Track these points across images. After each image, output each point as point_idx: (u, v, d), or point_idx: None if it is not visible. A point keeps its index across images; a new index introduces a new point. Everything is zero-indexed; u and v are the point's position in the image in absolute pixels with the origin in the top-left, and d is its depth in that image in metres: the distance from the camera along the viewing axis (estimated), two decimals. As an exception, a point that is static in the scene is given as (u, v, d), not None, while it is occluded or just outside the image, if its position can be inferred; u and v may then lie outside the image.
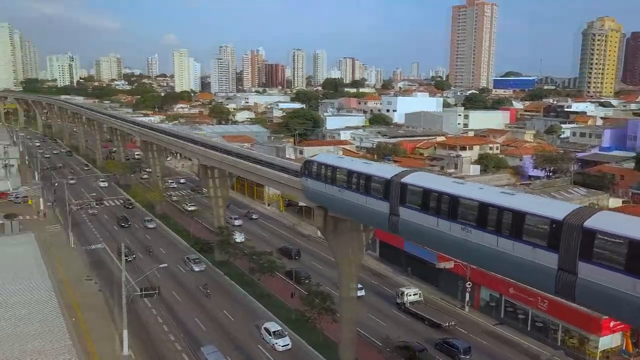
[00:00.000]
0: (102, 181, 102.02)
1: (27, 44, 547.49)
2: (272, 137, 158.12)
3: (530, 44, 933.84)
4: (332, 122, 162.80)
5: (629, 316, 20.28)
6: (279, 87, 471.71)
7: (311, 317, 42.18)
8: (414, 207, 28.94)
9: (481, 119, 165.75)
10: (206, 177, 59.11)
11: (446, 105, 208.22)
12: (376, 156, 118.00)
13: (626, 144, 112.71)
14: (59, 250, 65.50)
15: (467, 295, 49.90)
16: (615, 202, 72.40)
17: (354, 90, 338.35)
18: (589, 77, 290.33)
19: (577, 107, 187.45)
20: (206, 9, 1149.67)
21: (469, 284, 49.11)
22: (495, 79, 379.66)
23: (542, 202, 25.11)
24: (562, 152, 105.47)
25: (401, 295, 49.89)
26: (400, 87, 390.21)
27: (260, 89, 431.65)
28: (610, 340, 40.94)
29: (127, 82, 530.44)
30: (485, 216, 24.42)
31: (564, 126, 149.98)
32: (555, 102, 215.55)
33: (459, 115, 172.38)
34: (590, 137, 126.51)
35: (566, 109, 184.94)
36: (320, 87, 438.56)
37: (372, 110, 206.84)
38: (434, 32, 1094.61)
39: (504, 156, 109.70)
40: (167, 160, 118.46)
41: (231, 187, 67.72)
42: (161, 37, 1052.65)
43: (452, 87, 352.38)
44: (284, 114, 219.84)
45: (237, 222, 77.62)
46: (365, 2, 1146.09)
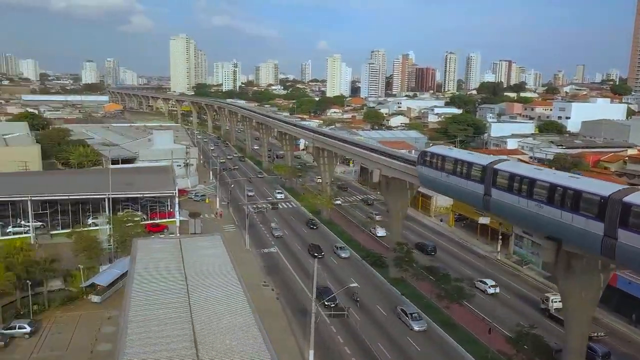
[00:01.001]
0: (278, 192, 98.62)
1: (199, 53, 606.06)
2: (431, 144, 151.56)
3: None
4: (497, 128, 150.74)
5: None
6: (430, 91, 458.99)
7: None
8: (509, 189, 36.54)
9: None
10: (387, 190, 55.54)
11: (629, 112, 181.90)
12: (554, 168, 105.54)
13: None
14: (235, 251, 67.19)
15: None
16: None
17: (513, 94, 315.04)
18: None
19: None
20: (356, 15, 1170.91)
21: None
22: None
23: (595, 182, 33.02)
24: None
25: (546, 301, 49.92)
26: (566, 92, 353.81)
27: (410, 93, 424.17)
28: None
29: (282, 87, 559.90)
30: (553, 194, 31.52)
31: None
32: None
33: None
34: None
35: None
36: (474, 92, 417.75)
37: (539, 116, 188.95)
38: (600, 32, 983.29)
39: None
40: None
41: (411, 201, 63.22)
42: (314, 44, 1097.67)
43: (633, 92, 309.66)
44: (440, 119, 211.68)
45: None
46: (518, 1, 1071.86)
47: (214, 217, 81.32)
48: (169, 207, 76.46)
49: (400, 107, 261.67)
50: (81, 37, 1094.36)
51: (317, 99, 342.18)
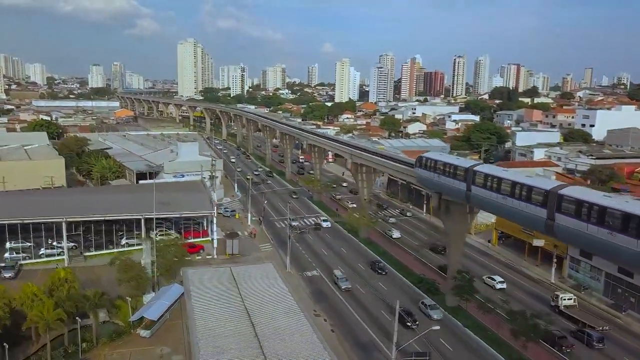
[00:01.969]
0: (324, 220, 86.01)
1: (206, 57, 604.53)
2: (456, 153, 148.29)
3: None
4: (522, 137, 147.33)
5: None
6: (441, 96, 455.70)
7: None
8: (481, 186, 46.66)
9: None
10: (446, 215, 52.58)
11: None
12: (589, 181, 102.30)
13: None
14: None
15: None
16: None
17: (527, 99, 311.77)
18: None
19: None
20: (362, 18, 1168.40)
21: None
22: None
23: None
24: None
25: (556, 298, 55.05)
26: (580, 97, 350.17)
27: (420, 98, 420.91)
28: None
29: (290, 91, 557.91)
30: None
31: None
32: None
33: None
34: None
35: None
36: (485, 96, 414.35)
37: (561, 124, 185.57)
38: (608, 34, 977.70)
39: None
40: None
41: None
42: (319, 47, 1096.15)
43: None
44: (458, 125, 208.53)
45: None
46: (526, 3, 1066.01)
47: (247, 235, 78.27)
48: (203, 226, 73.66)
49: (414, 113, 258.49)
50: (87, 41, 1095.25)
51: (328, 104, 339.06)
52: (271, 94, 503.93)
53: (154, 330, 46.76)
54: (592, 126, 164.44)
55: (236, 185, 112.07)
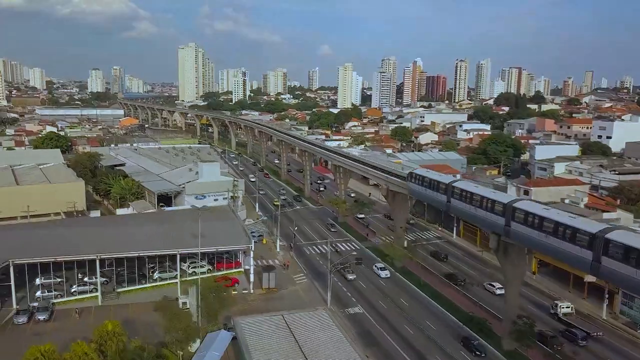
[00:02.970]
0: (381, 269, 74.00)
1: (207, 61, 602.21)
2: (474, 167, 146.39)
3: None
4: (541, 151, 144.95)
5: None
6: (446, 102, 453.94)
7: None
8: (459, 198, 58.72)
9: None
10: (505, 256, 50.31)
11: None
12: (619, 201, 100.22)
13: None
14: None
15: None
16: None
17: (534, 106, 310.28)
18: None
19: None
20: (361, 21, 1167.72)
21: None
22: None
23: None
24: None
25: (555, 307, 60.82)
26: (586, 103, 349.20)
27: (425, 104, 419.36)
28: None
29: (292, 96, 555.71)
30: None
31: None
32: None
33: None
34: None
35: None
36: (489, 101, 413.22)
37: (576, 134, 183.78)
38: (608, 36, 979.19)
39: None
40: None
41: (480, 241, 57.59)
42: (317, 49, 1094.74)
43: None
44: (470, 135, 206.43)
45: None
46: (522, 5, 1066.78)
47: (280, 266, 75.75)
48: (236, 256, 71.23)
49: (423, 121, 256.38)
50: (85, 44, 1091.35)
51: (333, 111, 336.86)
52: (273, 99, 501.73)
53: (208, 385, 44.22)
54: (609, 138, 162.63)
55: (257, 204, 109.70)
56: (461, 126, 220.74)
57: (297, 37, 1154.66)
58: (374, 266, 74.15)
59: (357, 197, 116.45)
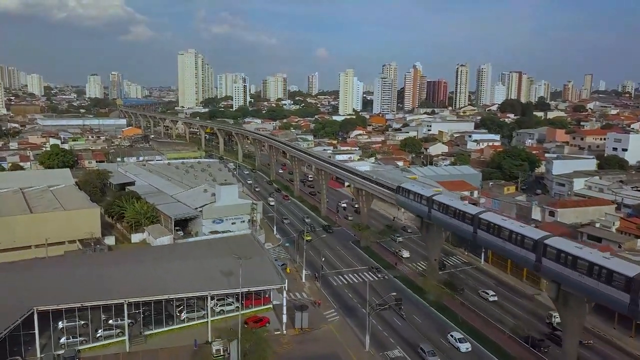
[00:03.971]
0: (460, 340, 60.76)
1: (206, 67, 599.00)
2: (490, 183, 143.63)
3: None
4: (559, 166, 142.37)
5: None
6: (449, 108, 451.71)
7: None
8: (438, 210, 69.23)
9: None
10: (564, 306, 47.38)
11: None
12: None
13: None
14: (353, 353, 59.03)
15: None
16: None
17: (540, 113, 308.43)
18: None
19: None
20: (359, 22, 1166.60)
21: None
22: None
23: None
24: None
25: (550, 317, 65.55)
26: (590, 109, 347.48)
27: (428, 110, 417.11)
28: None
29: (292, 101, 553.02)
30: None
31: None
32: None
33: None
34: None
35: None
36: (493, 108, 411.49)
37: (589, 146, 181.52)
38: (605, 39, 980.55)
39: None
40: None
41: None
42: (315, 51, 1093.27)
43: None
44: (480, 146, 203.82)
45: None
46: (518, 8, 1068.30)
47: (311, 302, 72.18)
48: (265, 292, 68.12)
49: (430, 130, 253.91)
50: (82, 48, 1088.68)
51: (337, 119, 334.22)
52: (274, 105, 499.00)
53: None
54: (625, 150, 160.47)
55: (275, 227, 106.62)
56: (470, 136, 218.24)
57: (293, 40, 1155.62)
58: (449, 336, 61.58)
59: (387, 223, 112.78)
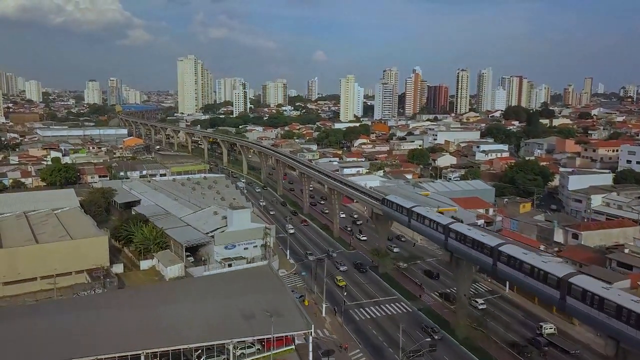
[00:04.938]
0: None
1: (206, 72, 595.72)
2: (505, 200, 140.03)
3: None
4: (575, 181, 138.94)
5: None
6: (452, 115, 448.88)
7: None
8: (416, 220, 77.91)
9: None
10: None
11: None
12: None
13: None
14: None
15: None
16: None
17: (545, 121, 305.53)
18: None
19: None
20: (352, 25, 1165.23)
21: None
22: None
23: None
24: None
25: (540, 328, 68.54)
26: (595, 115, 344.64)
27: (430, 116, 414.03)
28: None
29: (292, 107, 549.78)
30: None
31: None
32: None
33: None
34: None
35: None
36: (496, 114, 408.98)
37: (601, 158, 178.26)
38: (604, 41, 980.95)
39: None
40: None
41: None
42: (312, 54, 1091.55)
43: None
44: (489, 157, 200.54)
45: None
46: (515, 10, 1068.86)
47: (336, 346, 67.89)
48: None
49: (435, 139, 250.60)
50: (80, 53, 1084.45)
51: (340, 126, 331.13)
52: (274, 111, 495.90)
53: None
54: (639, 163, 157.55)
55: (288, 251, 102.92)
56: (478, 147, 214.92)
57: (292, 43, 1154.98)
58: None
59: (409, 248, 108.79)
